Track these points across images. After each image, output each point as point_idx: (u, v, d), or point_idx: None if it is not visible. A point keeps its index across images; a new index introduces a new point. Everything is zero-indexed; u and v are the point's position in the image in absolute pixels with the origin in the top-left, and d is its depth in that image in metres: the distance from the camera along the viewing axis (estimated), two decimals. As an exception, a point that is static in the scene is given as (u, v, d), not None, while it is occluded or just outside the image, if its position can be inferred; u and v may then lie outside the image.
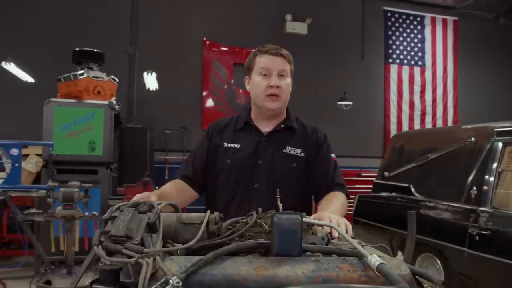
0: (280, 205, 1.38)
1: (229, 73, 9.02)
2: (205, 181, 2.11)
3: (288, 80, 2.04)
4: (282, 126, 2.10)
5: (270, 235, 1.05)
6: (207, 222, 1.25)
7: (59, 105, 5.52)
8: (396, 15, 10.01)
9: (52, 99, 5.52)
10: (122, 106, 7.99)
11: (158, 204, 1.22)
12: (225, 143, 2.09)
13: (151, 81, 7.36)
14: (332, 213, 1.57)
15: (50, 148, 4.88)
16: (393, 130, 9.61)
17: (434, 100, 10.16)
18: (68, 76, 5.71)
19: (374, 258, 0.95)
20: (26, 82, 7.22)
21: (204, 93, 8.92)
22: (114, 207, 1.21)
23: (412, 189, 4.82)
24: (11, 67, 6.55)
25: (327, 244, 1.28)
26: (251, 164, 2.03)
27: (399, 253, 4.97)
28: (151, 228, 1.17)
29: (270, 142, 2.07)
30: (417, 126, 9.96)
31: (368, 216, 5.47)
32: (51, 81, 6.14)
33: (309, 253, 1.08)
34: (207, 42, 8.94)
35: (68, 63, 6.13)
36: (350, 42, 9.57)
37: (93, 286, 1.03)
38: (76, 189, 4.07)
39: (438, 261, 4.34)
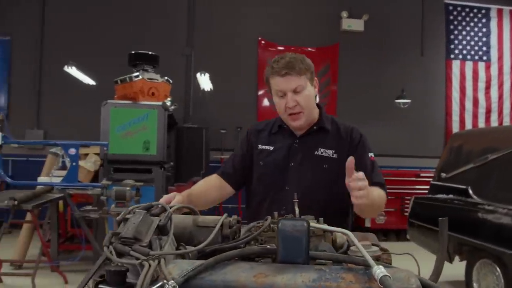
0: (297, 210, 1.34)
1: (284, 72, 8.97)
2: (244, 180, 2.14)
3: (306, 92, 1.98)
4: (315, 128, 2.08)
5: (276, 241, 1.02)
6: (221, 225, 1.24)
7: (116, 106, 5.71)
8: (459, 9, 9.55)
9: (109, 101, 5.72)
10: (179, 106, 8.17)
11: (171, 207, 1.23)
12: (259, 145, 2.12)
13: (204, 81, 7.47)
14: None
15: (105, 148, 5.05)
16: (455, 129, 9.19)
17: (500, 97, 9.60)
18: (124, 79, 5.90)
19: (379, 269, 0.89)
20: (88, 84, 7.56)
21: (260, 93, 8.93)
22: (128, 209, 1.23)
23: (470, 191, 4.59)
24: (73, 71, 6.87)
25: (346, 251, 1.23)
26: (283, 166, 2.03)
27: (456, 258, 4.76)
28: (162, 230, 1.17)
29: (303, 144, 2.06)
30: (481, 124, 9.45)
31: (423, 218, 5.26)
32: (110, 83, 6.39)
33: (321, 261, 1.05)
34: (262, 42, 8.95)
35: (126, 66, 6.35)
36: (409, 38, 9.24)
37: (99, 286, 1.05)
38: (128, 188, 4.19)
39: (498, 268, 4.10)
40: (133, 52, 6.13)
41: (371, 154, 2.08)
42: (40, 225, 5.04)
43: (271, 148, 2.09)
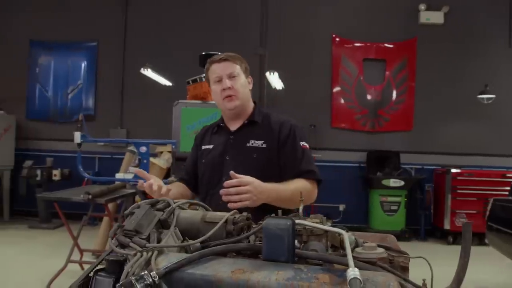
0: (301, 208, 1.32)
1: (359, 69, 8.78)
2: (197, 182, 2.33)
3: (241, 79, 2.20)
4: (246, 121, 2.24)
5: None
6: (225, 221, 1.26)
7: (186, 106, 5.91)
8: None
9: (180, 101, 5.93)
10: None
11: (175, 203, 1.27)
12: (202, 146, 2.33)
13: (274, 80, 7.51)
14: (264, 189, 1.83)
15: (173, 146, 5.26)
16: (550, 126, 8.46)
17: None
18: (195, 79, 6.09)
19: (353, 271, 0.86)
20: (165, 85, 7.90)
21: (334, 90, 8.81)
22: (135, 204, 1.29)
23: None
24: (149, 73, 7.21)
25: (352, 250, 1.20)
26: (220, 162, 2.20)
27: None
28: (163, 224, 1.21)
29: (237, 138, 2.23)
30: None
31: (503, 222, 4.91)
32: (185, 84, 6.63)
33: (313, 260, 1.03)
34: (337, 39, 8.81)
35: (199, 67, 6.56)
36: (495, 29, 8.63)
37: (98, 273, 1.11)
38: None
39: None
40: (203, 53, 6.30)
41: (302, 143, 2.20)
42: (116, 218, 5.35)
43: (211, 146, 2.28)
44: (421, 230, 7.99)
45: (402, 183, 7.86)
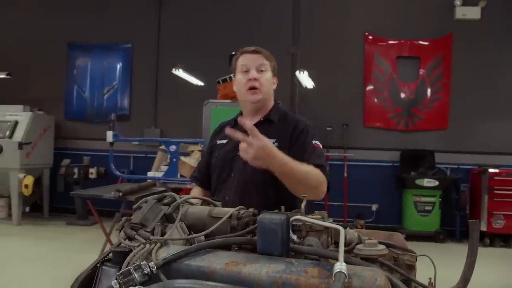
0: (303, 205, 1.33)
1: (392, 66, 8.66)
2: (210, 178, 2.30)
3: (268, 75, 2.20)
4: (261, 119, 2.23)
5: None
6: (230, 216, 1.29)
7: (216, 106, 5.99)
8: None
9: (210, 100, 6.02)
10: (286, 104, 8.30)
11: (181, 198, 1.31)
12: (217, 141, 2.32)
13: (305, 79, 7.49)
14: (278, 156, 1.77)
15: (202, 145, 5.34)
16: None
17: None
18: (225, 79, 6.16)
19: (339, 265, 0.87)
20: (197, 85, 8.01)
21: (366, 89, 8.72)
22: (143, 198, 1.33)
23: None
24: (180, 73, 7.33)
25: (352, 249, 1.20)
26: (231, 157, 2.17)
27: None
28: (169, 218, 1.25)
29: None
30: None
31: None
32: (215, 84, 6.72)
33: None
34: (369, 37, 8.71)
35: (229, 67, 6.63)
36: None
37: (104, 263, 1.17)
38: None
39: None
40: (233, 53, 6.36)
41: (315, 141, 2.16)
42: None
43: (225, 141, 2.26)
44: (456, 232, 7.81)
45: (437, 183, 7.70)
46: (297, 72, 7.07)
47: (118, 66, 9.44)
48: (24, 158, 7.98)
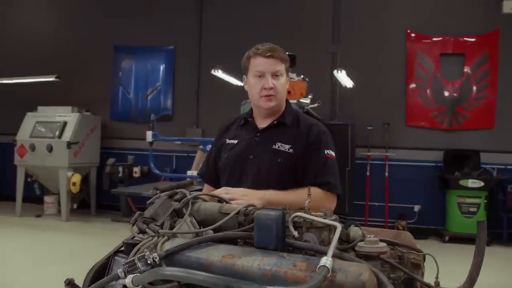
0: (307, 201, 1.36)
1: (436, 64, 8.45)
2: (218, 176, 2.27)
3: (282, 80, 2.13)
4: (275, 122, 2.18)
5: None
6: (237, 213, 1.34)
7: (253, 105, 6.05)
8: None
9: (247, 100, 6.08)
10: (326, 104, 8.28)
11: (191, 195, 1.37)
12: (227, 140, 2.26)
13: (343, 78, 7.44)
14: (261, 195, 1.81)
15: (238, 144, 5.40)
16: None
17: None
18: (262, 78, 6.22)
19: (325, 260, 0.90)
20: (236, 85, 8.10)
21: (408, 87, 8.56)
22: (157, 194, 1.41)
23: None
24: (219, 74, 7.45)
25: (354, 246, 1.23)
26: (243, 159, 2.14)
27: None
28: (178, 214, 1.32)
29: (263, 137, 2.16)
30: None
31: None
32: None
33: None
34: (412, 34, 8.55)
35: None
36: None
37: (117, 254, 1.25)
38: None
39: None
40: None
41: (327, 151, 2.09)
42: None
43: (235, 141, 2.21)
44: (503, 234, 7.54)
45: (482, 183, 7.47)
46: (334, 71, 7.01)
47: (161, 67, 9.68)
48: (72, 157, 8.34)
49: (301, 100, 6.09)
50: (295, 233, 1.16)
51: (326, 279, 0.88)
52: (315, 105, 7.03)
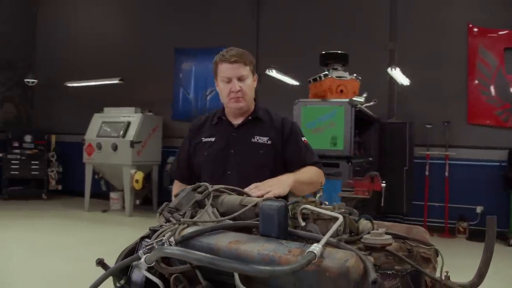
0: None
1: (500, 59, 8.10)
2: (190, 174, 2.43)
3: (249, 81, 2.30)
4: (250, 118, 2.36)
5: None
6: (255, 205, 1.43)
7: (306, 105, 6.13)
8: None
9: (300, 100, 6.17)
10: (383, 102, 8.17)
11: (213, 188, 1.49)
12: (203, 139, 2.39)
13: (398, 75, 7.31)
14: (285, 178, 1.96)
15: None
16: None
17: None
18: (315, 78, 6.28)
19: (315, 247, 0.98)
20: (293, 85, 8.19)
21: (470, 84, 8.26)
22: (185, 188, 1.54)
23: None
24: (274, 74, 7.55)
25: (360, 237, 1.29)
26: (224, 154, 2.30)
27: None
28: (200, 204, 1.44)
29: (240, 133, 2.34)
30: None
31: None
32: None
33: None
34: (474, 28, 8.24)
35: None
36: None
37: (143, 239, 1.39)
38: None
39: None
40: (323, 52, 6.46)
41: (303, 138, 2.40)
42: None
43: (213, 139, 2.35)
44: None
45: (549, 184, 7.10)
46: (388, 69, 6.91)
47: (220, 68, 9.92)
48: (136, 156, 8.76)
49: (354, 98, 6.08)
50: (303, 223, 1.25)
51: (313, 264, 0.96)
52: (371, 103, 6.99)
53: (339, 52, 6.40)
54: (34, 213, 8.77)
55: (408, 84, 7.80)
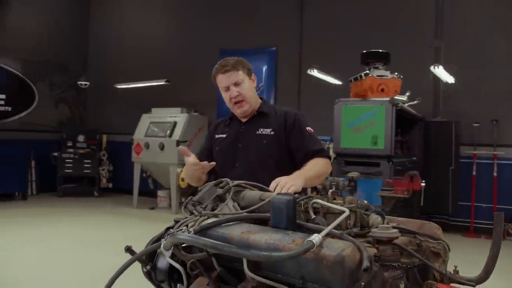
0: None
1: (551, 56, 7.78)
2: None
3: (246, 84, 2.48)
4: (256, 113, 2.54)
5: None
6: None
7: (346, 104, 6.14)
8: None
9: (341, 99, 6.20)
10: (428, 100, 8.04)
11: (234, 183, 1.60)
12: (216, 135, 2.63)
13: (441, 73, 7.17)
14: (296, 176, 2.03)
15: (327, 142, 5.54)
16: None
17: None
18: (356, 77, 6.28)
19: (314, 237, 1.06)
20: (335, 84, 8.18)
21: (524, 80, 7.96)
22: (207, 183, 1.65)
23: None
24: (315, 73, 7.59)
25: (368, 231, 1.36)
26: (233, 148, 2.49)
27: None
28: (221, 199, 1.55)
29: (248, 128, 2.53)
30: None
31: None
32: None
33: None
34: (524, 24, 7.95)
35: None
36: None
37: (168, 230, 1.51)
38: (342, 179, 4.57)
39: None
40: (364, 51, 6.44)
41: (308, 128, 2.50)
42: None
43: (224, 135, 2.58)
44: None
45: None
46: (431, 67, 6.80)
47: (264, 68, 10.05)
48: (182, 155, 8.98)
49: (395, 97, 6.04)
50: (313, 216, 1.34)
51: (312, 252, 1.04)
52: (414, 102, 6.91)
53: (380, 51, 6.37)
54: (86, 210, 9.20)
55: (453, 82, 7.63)
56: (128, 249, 1.43)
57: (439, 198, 7.73)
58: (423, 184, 4.73)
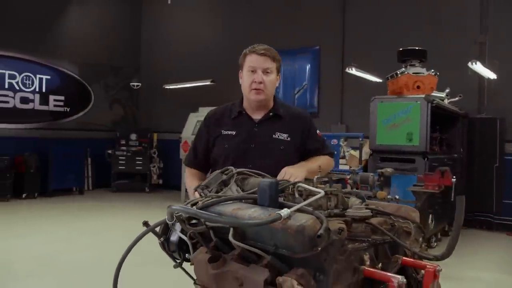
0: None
1: None
2: (207, 163, 2.52)
3: (272, 77, 2.40)
4: (271, 114, 2.46)
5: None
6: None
7: (382, 101, 6.25)
8: None
9: (376, 96, 6.30)
10: (472, 97, 7.96)
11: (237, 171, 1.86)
12: (223, 131, 2.46)
13: (480, 70, 7.08)
14: (298, 166, 2.18)
15: (361, 139, 5.68)
16: None
17: None
18: (392, 75, 6.36)
19: (283, 210, 1.29)
20: (375, 82, 8.24)
21: None
22: (214, 171, 1.91)
23: None
24: (353, 71, 7.70)
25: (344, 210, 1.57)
26: (245, 148, 2.39)
27: None
28: (225, 183, 1.82)
29: (261, 128, 2.44)
30: None
31: None
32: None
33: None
34: None
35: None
36: None
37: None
38: (372, 174, 4.72)
39: None
40: (400, 49, 6.51)
41: (317, 131, 2.56)
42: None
43: (234, 132, 2.44)
44: None
45: None
46: (469, 64, 6.75)
47: (307, 67, 10.24)
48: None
49: (433, 94, 6.09)
50: (298, 197, 1.58)
51: (280, 223, 1.28)
52: (456, 99, 6.91)
53: (417, 48, 6.42)
54: (137, 205, 9.74)
55: (495, 78, 7.53)
56: (145, 224, 1.70)
57: (483, 196, 7.66)
58: (453, 180, 4.78)
